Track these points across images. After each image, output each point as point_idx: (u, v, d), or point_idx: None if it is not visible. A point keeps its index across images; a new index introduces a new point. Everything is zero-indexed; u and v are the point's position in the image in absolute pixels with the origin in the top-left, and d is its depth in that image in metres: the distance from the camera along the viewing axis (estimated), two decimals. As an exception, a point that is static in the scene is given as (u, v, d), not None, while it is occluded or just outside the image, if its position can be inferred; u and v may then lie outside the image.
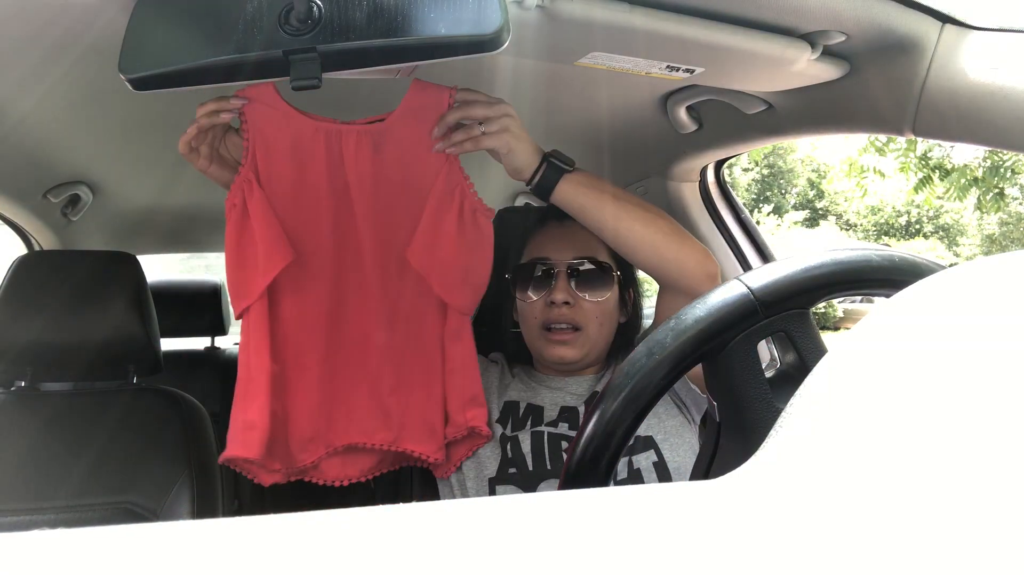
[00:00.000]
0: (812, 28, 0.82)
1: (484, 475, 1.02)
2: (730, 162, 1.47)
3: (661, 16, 0.77)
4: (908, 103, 0.85)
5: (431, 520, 0.23)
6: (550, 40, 0.79)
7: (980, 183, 5.89)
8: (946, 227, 21.33)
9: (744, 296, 0.50)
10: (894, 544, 0.20)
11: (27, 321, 1.17)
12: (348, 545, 0.21)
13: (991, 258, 0.29)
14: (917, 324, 0.28)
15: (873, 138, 5.79)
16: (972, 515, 0.19)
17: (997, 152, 5.38)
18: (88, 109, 1.16)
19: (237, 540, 0.21)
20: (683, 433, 1.03)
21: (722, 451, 0.54)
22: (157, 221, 1.94)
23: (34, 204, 1.50)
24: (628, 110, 1.23)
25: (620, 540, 0.22)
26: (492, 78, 1.03)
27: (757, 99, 1.07)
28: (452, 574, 0.20)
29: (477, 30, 0.58)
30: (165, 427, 1.25)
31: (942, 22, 0.80)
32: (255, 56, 0.58)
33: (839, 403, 0.26)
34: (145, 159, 1.49)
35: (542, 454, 1.01)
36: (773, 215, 21.41)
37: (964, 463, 0.21)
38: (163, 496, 1.18)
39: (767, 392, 0.51)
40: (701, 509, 0.24)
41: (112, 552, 0.20)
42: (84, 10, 0.66)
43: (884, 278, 0.50)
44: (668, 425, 1.02)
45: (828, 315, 13.62)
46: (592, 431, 0.51)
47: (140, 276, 1.27)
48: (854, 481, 0.22)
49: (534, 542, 0.22)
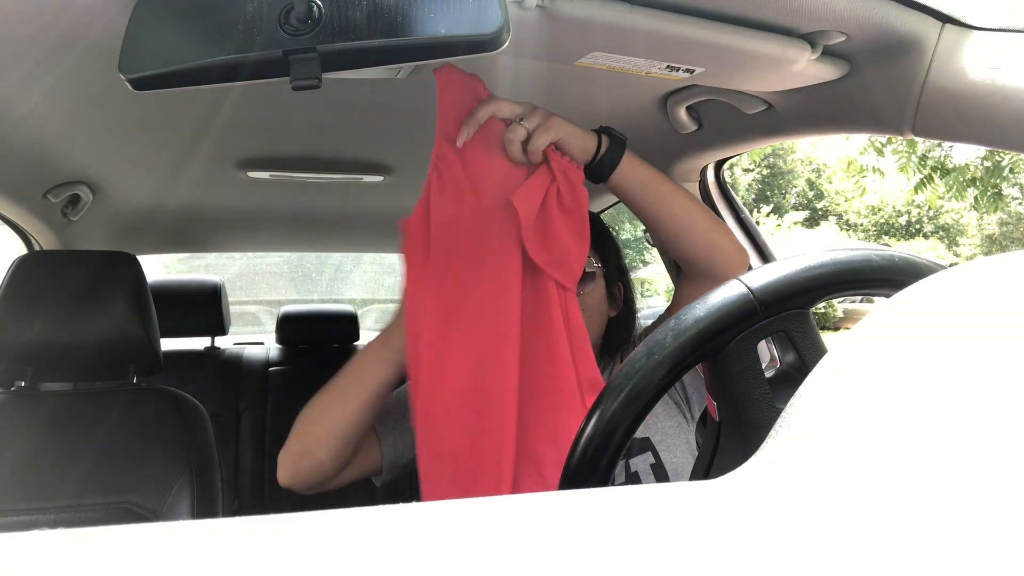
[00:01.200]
0: (812, 28, 0.82)
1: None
2: (730, 162, 1.47)
3: (661, 16, 0.77)
4: (908, 103, 0.85)
5: (431, 520, 0.23)
6: (550, 40, 0.79)
7: (978, 183, 5.90)
8: (946, 227, 21.33)
9: (744, 296, 0.50)
10: (894, 544, 0.20)
11: (27, 321, 1.17)
12: (348, 545, 0.21)
13: (991, 258, 0.29)
14: (917, 324, 0.28)
15: (873, 138, 5.80)
16: (972, 515, 0.19)
17: (996, 152, 5.39)
18: (88, 109, 1.16)
19: (237, 540, 0.21)
20: (681, 433, 1.02)
21: (722, 451, 0.54)
22: (157, 221, 1.94)
23: (34, 204, 1.50)
24: (628, 110, 1.23)
25: (620, 540, 0.22)
26: (492, 78, 1.03)
27: (757, 99, 1.07)
28: (452, 574, 0.20)
29: (477, 30, 0.58)
30: (165, 427, 1.25)
31: (942, 22, 0.80)
32: (255, 56, 0.58)
33: (839, 403, 0.26)
34: (145, 159, 1.49)
35: None
36: (773, 215, 21.41)
37: (964, 463, 0.21)
38: (163, 496, 1.19)
39: (767, 392, 0.51)
40: (701, 509, 0.24)
41: (112, 552, 0.20)
42: (84, 10, 0.66)
43: (884, 278, 0.50)
44: (666, 426, 1.02)
45: (828, 315, 13.62)
46: (592, 431, 0.51)
47: (140, 276, 1.27)
48: (854, 481, 0.22)
49: (534, 542, 0.22)
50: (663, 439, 1.00)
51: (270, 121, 1.28)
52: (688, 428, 1.05)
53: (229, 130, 1.27)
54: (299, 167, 1.55)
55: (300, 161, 1.53)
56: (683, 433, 1.03)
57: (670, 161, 1.39)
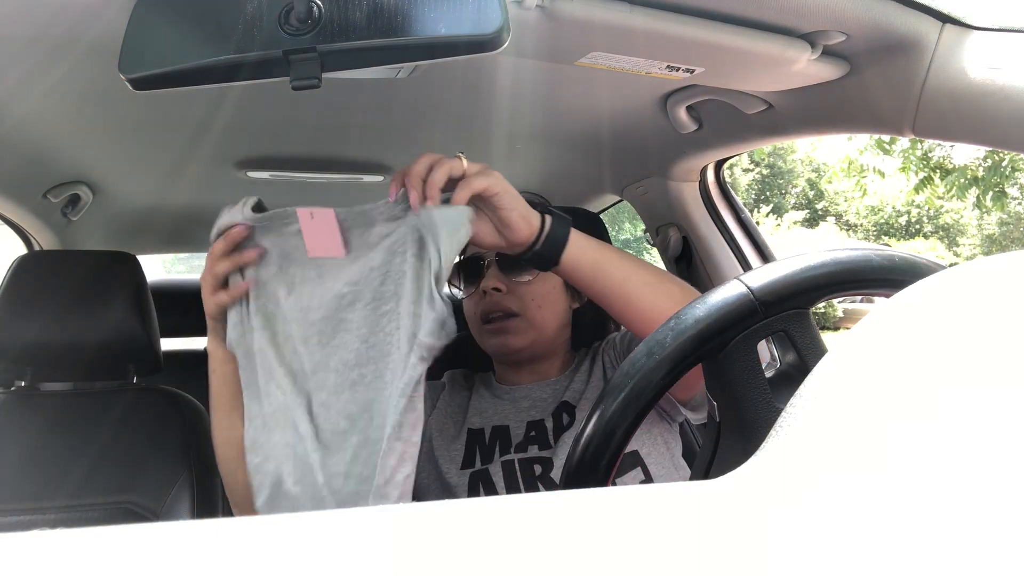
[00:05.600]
0: (812, 28, 0.82)
1: None
2: (730, 162, 1.47)
3: (661, 16, 0.77)
4: (908, 103, 0.85)
5: (431, 520, 0.23)
6: (550, 40, 0.79)
7: (980, 182, 5.90)
8: (946, 227, 21.33)
9: (744, 296, 0.50)
10: (894, 544, 0.20)
11: (27, 321, 1.17)
12: (348, 545, 0.21)
13: (991, 258, 0.29)
14: (917, 324, 0.28)
15: (877, 137, 5.80)
16: (972, 515, 0.19)
17: (997, 151, 5.39)
18: (88, 109, 1.16)
19: (237, 540, 0.21)
20: (667, 440, 1.02)
21: (722, 451, 0.54)
22: (157, 221, 1.94)
23: (34, 204, 1.50)
24: (628, 110, 1.23)
25: (620, 540, 0.22)
26: (492, 78, 1.03)
27: (757, 99, 1.07)
28: (452, 574, 0.20)
29: (477, 30, 0.58)
30: (165, 427, 1.25)
31: (942, 22, 0.80)
32: (255, 56, 0.58)
33: (839, 403, 0.26)
34: (145, 159, 1.49)
35: (516, 485, 0.97)
36: (773, 215, 21.42)
37: (964, 463, 0.21)
38: (163, 496, 1.18)
39: (767, 392, 0.51)
40: (701, 509, 0.24)
41: (112, 552, 0.20)
42: (84, 10, 0.66)
43: (884, 278, 0.50)
44: (653, 432, 1.00)
45: (828, 315, 13.62)
46: (592, 431, 0.51)
47: (140, 276, 1.27)
48: (854, 481, 0.22)
49: (534, 542, 0.22)
50: (650, 452, 0.98)
51: (270, 121, 1.28)
52: (672, 430, 1.04)
53: (229, 130, 1.27)
54: (299, 167, 1.55)
55: (300, 161, 1.53)
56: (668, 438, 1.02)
57: (670, 161, 1.39)
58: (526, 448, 1.00)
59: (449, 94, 1.12)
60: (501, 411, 1.07)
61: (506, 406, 1.07)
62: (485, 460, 1.01)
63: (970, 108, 0.78)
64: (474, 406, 1.09)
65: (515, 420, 1.05)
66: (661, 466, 0.98)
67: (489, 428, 1.05)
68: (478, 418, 1.07)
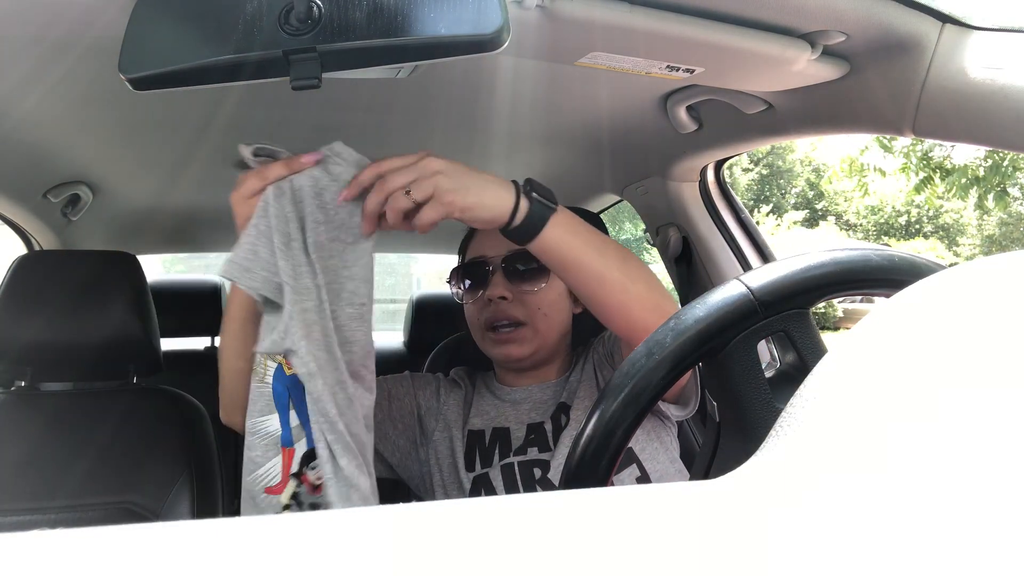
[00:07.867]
0: (812, 28, 0.82)
1: None
2: (730, 162, 1.47)
3: (661, 16, 0.77)
4: (908, 103, 0.85)
5: (431, 520, 0.23)
6: (550, 40, 0.79)
7: (981, 182, 5.89)
8: (946, 227, 21.34)
9: (744, 296, 0.50)
10: (894, 544, 0.20)
11: (27, 321, 1.17)
12: (348, 545, 0.21)
13: (991, 258, 0.29)
14: (917, 324, 0.28)
15: (879, 136, 5.81)
16: (972, 515, 0.19)
17: (997, 151, 5.39)
18: (88, 109, 1.15)
19: (237, 540, 0.21)
20: (660, 434, 1.02)
21: (722, 451, 0.54)
22: (157, 221, 1.94)
23: (34, 204, 1.50)
24: (628, 110, 1.23)
25: (620, 540, 0.22)
26: (492, 78, 1.03)
27: (757, 99, 1.07)
28: (452, 574, 0.20)
29: (477, 30, 0.58)
30: (165, 427, 1.25)
31: (942, 22, 0.80)
32: (255, 56, 0.58)
33: (839, 403, 0.26)
34: (145, 159, 1.49)
35: (515, 487, 0.97)
36: (773, 215, 21.42)
37: (964, 463, 0.21)
38: (163, 496, 1.19)
39: (767, 392, 0.51)
40: (701, 509, 0.24)
41: (112, 552, 0.20)
42: (84, 10, 0.66)
43: (884, 278, 0.50)
44: (646, 427, 1.00)
45: (828, 315, 13.62)
46: (592, 431, 0.51)
47: (140, 276, 1.27)
48: (854, 481, 0.22)
49: (534, 542, 0.22)
50: (644, 448, 0.99)
51: (270, 121, 1.28)
52: (666, 427, 1.04)
53: (229, 130, 1.27)
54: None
55: (300, 161, 1.52)
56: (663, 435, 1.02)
57: (670, 161, 1.39)
58: (525, 451, 1.01)
59: (449, 94, 1.12)
60: (502, 413, 1.07)
61: (506, 408, 1.07)
62: (485, 463, 1.01)
63: (970, 108, 0.78)
64: (475, 406, 1.09)
65: (515, 422, 1.05)
66: (656, 461, 0.99)
67: (489, 430, 1.05)
68: (479, 419, 1.07)
